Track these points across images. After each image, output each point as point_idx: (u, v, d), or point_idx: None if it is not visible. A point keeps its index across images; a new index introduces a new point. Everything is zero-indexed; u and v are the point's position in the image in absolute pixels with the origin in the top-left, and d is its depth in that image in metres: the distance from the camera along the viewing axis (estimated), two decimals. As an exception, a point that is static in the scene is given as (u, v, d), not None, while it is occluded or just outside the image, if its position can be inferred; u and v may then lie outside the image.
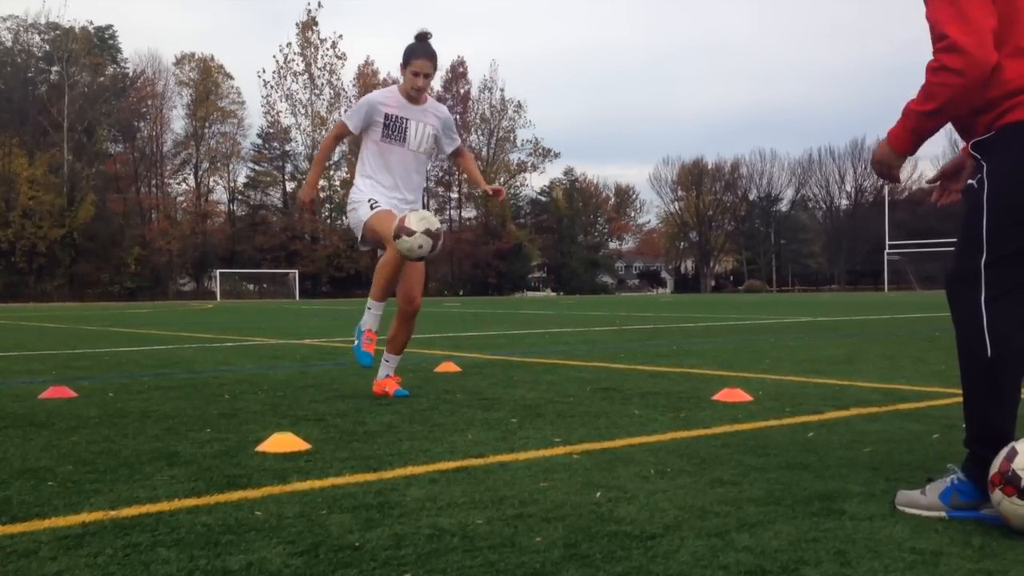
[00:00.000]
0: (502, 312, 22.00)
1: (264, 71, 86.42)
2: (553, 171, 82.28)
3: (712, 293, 72.81)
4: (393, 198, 5.07)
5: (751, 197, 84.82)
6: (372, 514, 2.51)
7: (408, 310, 5.18)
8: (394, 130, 5.03)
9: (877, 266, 68.18)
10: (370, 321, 5.04)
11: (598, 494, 2.71)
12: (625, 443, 3.56)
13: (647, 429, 3.89)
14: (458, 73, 71.47)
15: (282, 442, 3.47)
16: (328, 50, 65.02)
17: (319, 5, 76.79)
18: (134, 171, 62.02)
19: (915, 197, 77.07)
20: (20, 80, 58.33)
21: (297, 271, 59.85)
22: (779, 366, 6.70)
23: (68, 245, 54.83)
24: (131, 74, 64.37)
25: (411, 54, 4.97)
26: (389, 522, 2.42)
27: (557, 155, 74.72)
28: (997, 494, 2.30)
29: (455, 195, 72.64)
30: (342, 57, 65.64)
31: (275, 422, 4.15)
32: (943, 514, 2.43)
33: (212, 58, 65.19)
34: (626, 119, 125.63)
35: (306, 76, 64.86)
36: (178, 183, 66.35)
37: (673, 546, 2.19)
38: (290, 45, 66.72)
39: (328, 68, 65.14)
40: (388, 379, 5.21)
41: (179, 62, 64.50)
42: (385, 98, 5.07)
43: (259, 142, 66.93)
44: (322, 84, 65.25)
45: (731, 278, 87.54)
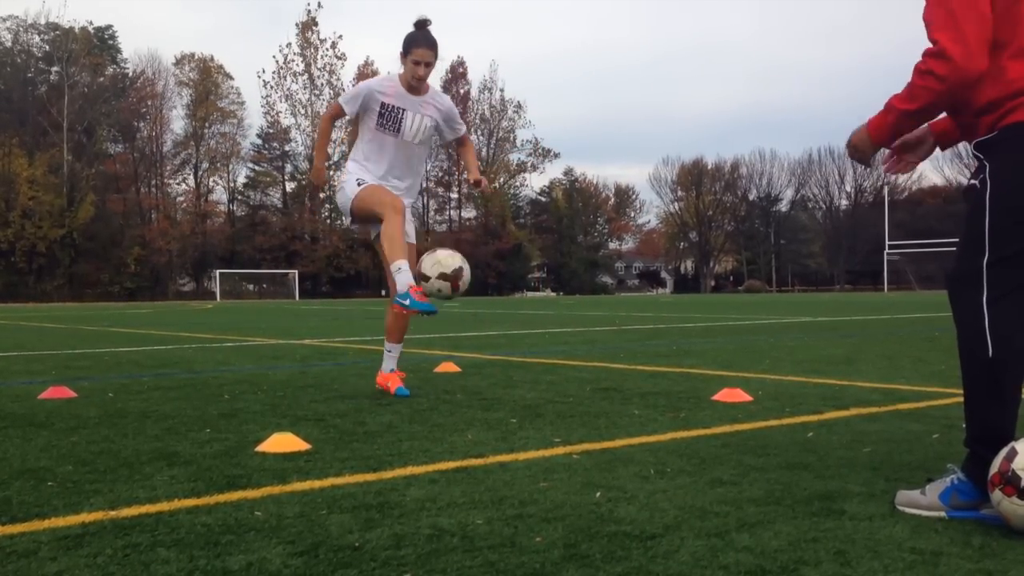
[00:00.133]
0: (502, 312, 22.00)
1: (264, 71, 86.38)
2: (553, 171, 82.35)
3: (712, 293, 72.82)
4: (383, 184, 5.00)
5: (751, 197, 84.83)
6: (372, 514, 2.51)
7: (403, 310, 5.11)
8: (389, 119, 4.93)
9: (877, 266, 68.18)
10: (407, 280, 4.54)
11: (598, 494, 2.71)
12: (625, 443, 3.56)
13: (647, 429, 3.89)
14: (458, 73, 71.48)
15: (282, 442, 3.47)
16: (328, 50, 65.06)
17: (319, 5, 76.93)
18: (134, 171, 62.02)
19: (915, 197, 77.17)
20: (20, 80, 58.33)
21: (297, 271, 59.84)
22: (779, 366, 6.70)
23: (68, 245, 54.82)
24: (131, 74, 64.38)
25: (412, 42, 4.87)
26: (389, 522, 2.42)
27: (557, 155, 74.76)
28: (997, 494, 2.30)
29: (455, 195, 72.66)
30: (342, 57, 65.67)
31: (275, 422, 4.15)
32: (943, 514, 2.44)
33: (212, 58, 65.22)
34: (626, 119, 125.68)
35: (306, 76, 64.88)
36: (178, 183, 66.40)
37: (673, 546, 2.19)
38: (290, 45, 66.74)
39: (328, 68, 65.17)
40: (392, 374, 5.17)
41: (179, 62, 64.54)
42: (384, 86, 4.97)
43: (259, 142, 66.97)
44: (322, 84, 65.27)
45: (731, 278, 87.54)
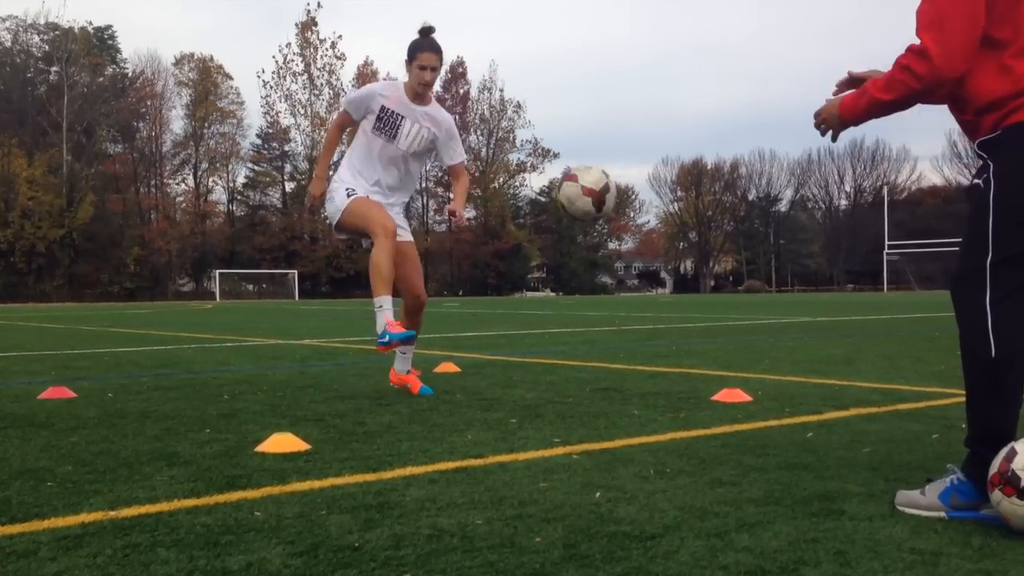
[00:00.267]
0: (501, 312, 22.00)
1: (263, 71, 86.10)
2: (552, 171, 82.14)
3: (711, 293, 72.82)
4: (372, 191, 4.95)
5: (750, 197, 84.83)
6: (372, 514, 2.50)
7: (415, 304, 5.11)
8: (386, 124, 4.88)
9: (876, 266, 68.17)
10: (386, 315, 4.66)
11: (597, 494, 2.71)
12: (624, 443, 3.56)
13: (646, 429, 3.89)
14: (457, 73, 71.46)
15: (281, 442, 3.47)
16: (327, 50, 65.07)
17: (318, 5, 76.90)
18: (133, 171, 62.00)
19: (915, 197, 77.19)
20: (19, 80, 58.32)
21: (296, 271, 59.83)
22: (778, 366, 6.70)
23: (67, 245, 54.82)
24: (130, 74, 64.38)
25: (416, 48, 4.86)
26: (388, 522, 2.42)
27: (556, 155, 74.67)
28: (996, 494, 2.30)
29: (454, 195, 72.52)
30: (341, 57, 65.67)
31: (274, 422, 4.15)
32: (943, 514, 2.43)
33: (211, 58, 65.20)
34: (625, 119, 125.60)
35: (305, 76, 64.88)
36: (177, 183, 66.40)
37: (673, 546, 2.19)
38: (289, 45, 66.69)
39: (327, 68, 65.18)
40: (409, 375, 5.16)
41: (178, 62, 64.52)
42: (386, 91, 4.94)
43: (258, 142, 66.96)
44: (321, 84, 65.29)
45: (730, 278, 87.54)
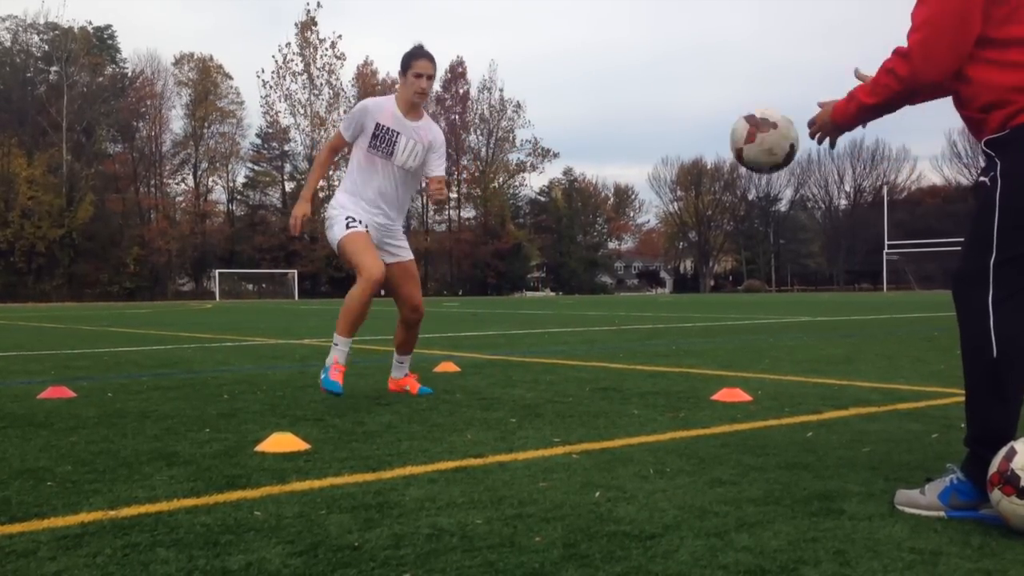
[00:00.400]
0: (501, 312, 22.00)
1: (263, 71, 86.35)
2: (552, 171, 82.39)
3: (711, 293, 72.82)
4: (374, 213, 4.89)
5: (750, 197, 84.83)
6: (371, 514, 2.50)
7: (413, 318, 5.07)
8: (382, 141, 4.82)
9: (876, 266, 68.18)
10: (336, 355, 4.67)
11: (597, 494, 2.71)
12: (624, 443, 3.56)
13: (646, 429, 3.89)
14: (457, 73, 71.46)
15: (281, 442, 3.47)
16: (327, 50, 65.08)
17: (318, 5, 76.88)
18: (133, 171, 62.00)
19: (914, 197, 77.17)
20: (19, 80, 58.30)
21: (296, 271, 59.83)
22: (778, 366, 6.70)
23: (67, 245, 54.82)
24: (130, 74, 64.38)
25: (411, 56, 4.82)
26: (388, 522, 2.42)
27: (556, 155, 74.69)
28: (996, 494, 2.30)
29: (454, 195, 72.65)
30: (341, 57, 65.67)
31: (274, 422, 4.15)
32: (942, 514, 2.43)
33: (211, 58, 65.24)
34: (625, 119, 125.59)
35: (305, 76, 64.88)
36: (177, 183, 66.44)
37: (672, 546, 2.19)
38: (289, 45, 66.74)
39: (327, 68, 65.18)
40: (407, 378, 5.21)
41: (178, 62, 64.55)
42: (380, 107, 4.86)
43: (258, 142, 67.01)
44: (321, 84, 65.30)
45: (730, 278, 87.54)
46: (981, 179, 2.48)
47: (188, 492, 2.78)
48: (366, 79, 65.51)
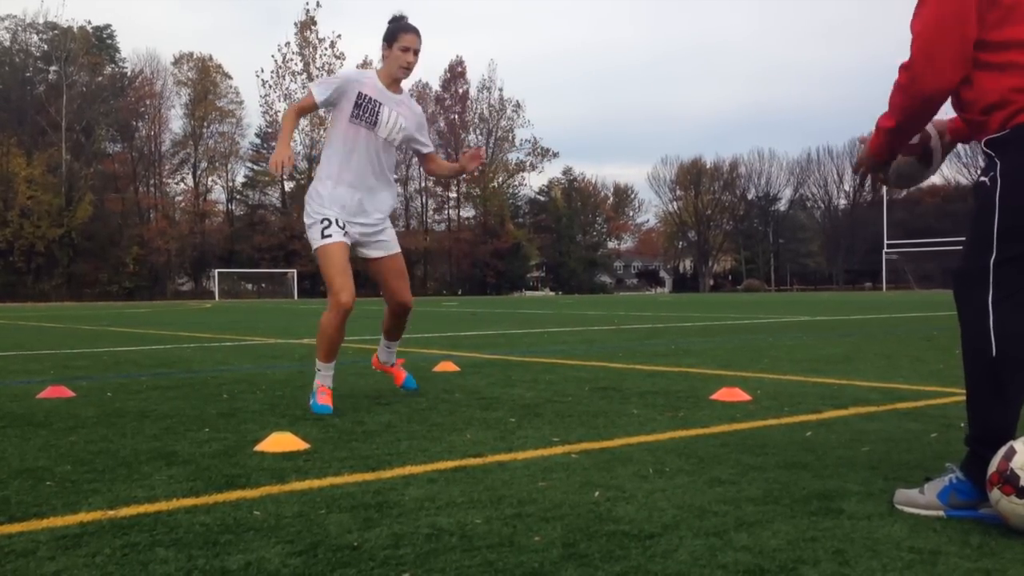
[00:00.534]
0: (500, 311, 22.00)
1: (262, 71, 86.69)
2: (552, 171, 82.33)
3: (710, 292, 72.84)
4: (356, 200, 4.63)
5: (749, 197, 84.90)
6: (371, 514, 2.50)
7: (402, 310, 4.93)
8: (365, 111, 4.58)
9: (875, 265, 68.20)
10: (321, 380, 4.63)
11: (596, 493, 2.71)
12: (623, 442, 3.56)
13: (645, 428, 3.89)
14: (456, 73, 71.48)
15: (280, 442, 3.47)
16: (327, 50, 65.07)
17: (317, 5, 76.85)
18: (132, 171, 62.00)
19: (913, 196, 77.13)
20: (18, 80, 58.31)
21: (295, 271, 59.80)
22: (777, 365, 6.70)
23: (66, 245, 54.81)
24: (129, 74, 64.39)
25: (398, 30, 4.58)
26: (388, 522, 2.42)
27: (556, 155, 74.73)
28: (995, 493, 2.30)
29: (453, 195, 72.67)
30: (341, 57, 65.65)
31: (273, 422, 4.15)
32: (941, 513, 2.43)
33: (210, 58, 65.25)
34: (625, 119, 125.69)
35: (304, 76, 64.83)
36: (176, 183, 66.47)
37: (672, 545, 2.19)
38: (288, 45, 66.79)
39: (327, 68, 65.09)
40: (395, 366, 5.13)
41: (177, 62, 64.55)
42: (362, 77, 4.65)
43: (257, 142, 66.97)
44: (320, 84, 65.21)
45: (729, 277, 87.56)
46: (981, 179, 2.49)
47: (187, 492, 2.78)
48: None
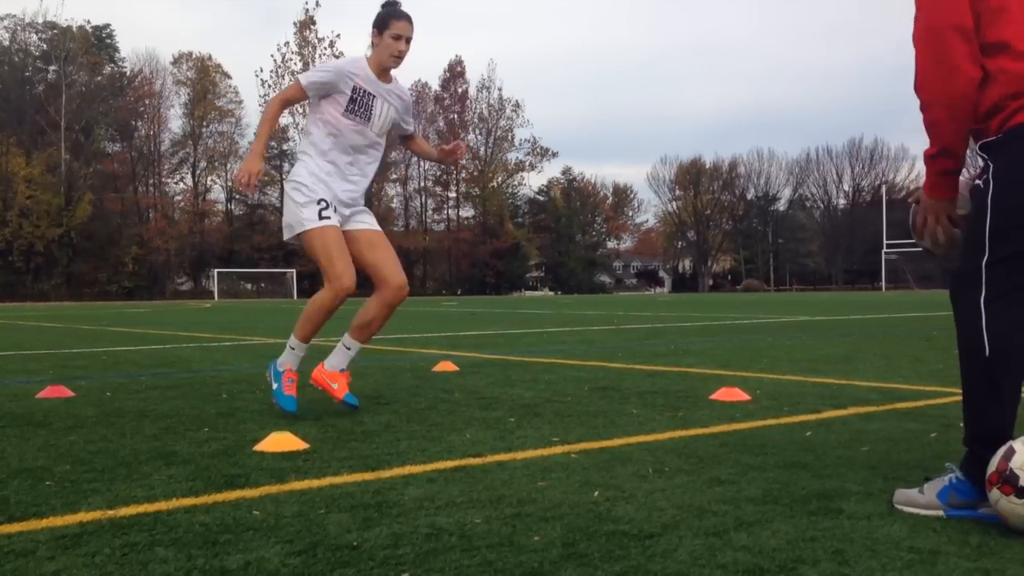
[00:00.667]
0: (500, 311, 22.00)
1: (262, 70, 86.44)
2: (551, 170, 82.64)
3: (710, 292, 72.84)
4: (345, 188, 4.43)
5: (749, 196, 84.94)
6: (370, 513, 2.50)
7: (399, 296, 4.41)
8: (360, 106, 4.36)
9: (875, 265, 68.22)
10: (290, 361, 4.35)
11: (596, 493, 2.71)
12: (623, 442, 3.56)
13: (645, 428, 3.89)
14: (456, 72, 71.50)
15: (280, 441, 3.47)
16: (326, 49, 65.04)
17: (317, 4, 76.67)
18: (132, 170, 62.00)
19: (913, 196, 77.18)
20: (17, 79, 58.30)
21: (295, 270, 59.77)
22: (777, 365, 6.70)
23: (65, 244, 54.81)
24: (128, 73, 64.40)
25: (390, 16, 4.33)
26: (387, 521, 2.42)
27: (555, 154, 74.77)
28: (995, 493, 2.30)
29: (452, 194, 72.69)
30: (340, 56, 65.61)
31: (273, 421, 4.15)
32: (941, 513, 2.44)
33: (210, 57, 65.29)
34: (624, 119, 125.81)
35: (304, 75, 64.84)
36: (176, 182, 66.50)
37: (671, 545, 2.19)
38: (288, 44, 66.83)
39: (326, 67, 65.10)
40: (340, 374, 4.43)
41: (177, 61, 64.58)
42: (355, 68, 4.35)
43: (257, 141, 66.91)
44: (320, 83, 65.21)
45: (729, 277, 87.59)
46: (976, 182, 2.51)
47: (187, 491, 2.78)
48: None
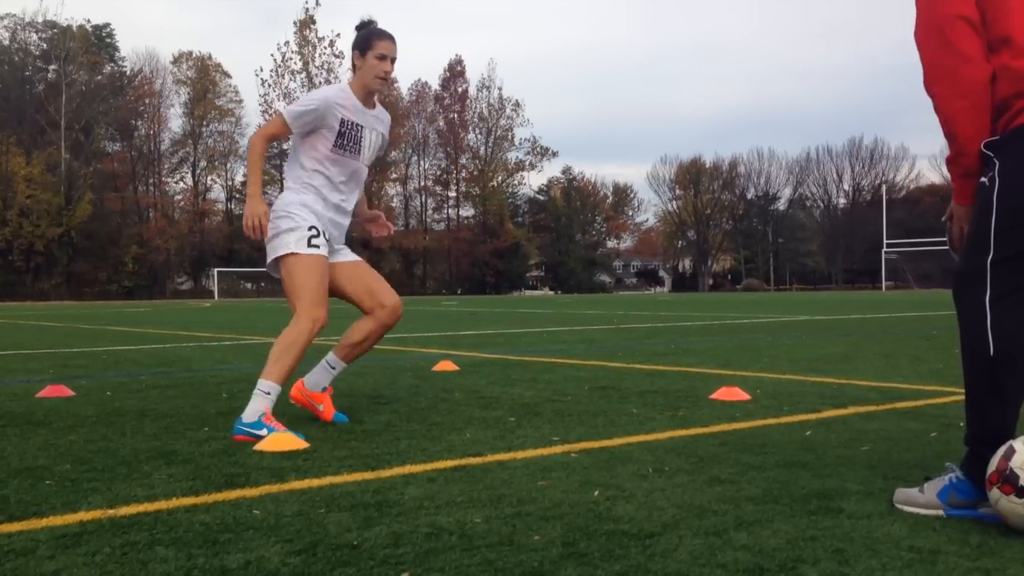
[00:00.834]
0: (500, 311, 22.00)
1: (262, 70, 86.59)
2: (551, 170, 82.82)
3: (710, 292, 72.84)
4: (333, 221, 4.17)
5: (749, 196, 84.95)
6: (370, 513, 2.50)
7: (396, 317, 4.24)
8: (349, 140, 4.10)
9: (875, 265, 68.22)
10: (266, 405, 3.78)
11: (596, 493, 2.71)
12: (623, 442, 3.56)
13: (645, 428, 3.89)
14: (456, 72, 71.51)
15: (280, 441, 3.47)
16: (326, 48, 65.06)
17: (317, 4, 76.60)
18: (132, 170, 62.01)
19: (913, 196, 77.20)
20: (17, 79, 58.31)
21: (295, 270, 59.71)
22: (777, 365, 6.70)
23: (66, 244, 54.82)
24: (128, 73, 64.43)
25: (371, 36, 4.05)
26: (387, 521, 2.42)
27: (555, 154, 74.79)
28: (995, 492, 2.30)
29: (452, 194, 72.68)
30: (340, 55, 65.62)
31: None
32: (941, 512, 2.44)
33: (210, 56, 65.32)
34: (624, 118, 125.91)
35: (304, 75, 64.86)
36: (176, 182, 66.52)
37: (671, 544, 2.19)
38: (288, 44, 66.82)
39: (326, 67, 65.14)
40: (323, 394, 4.24)
41: (177, 60, 64.59)
42: (341, 99, 4.08)
43: (257, 141, 66.96)
44: (320, 83, 65.18)
45: (729, 277, 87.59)
46: (980, 180, 2.49)
47: (187, 491, 2.78)
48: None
